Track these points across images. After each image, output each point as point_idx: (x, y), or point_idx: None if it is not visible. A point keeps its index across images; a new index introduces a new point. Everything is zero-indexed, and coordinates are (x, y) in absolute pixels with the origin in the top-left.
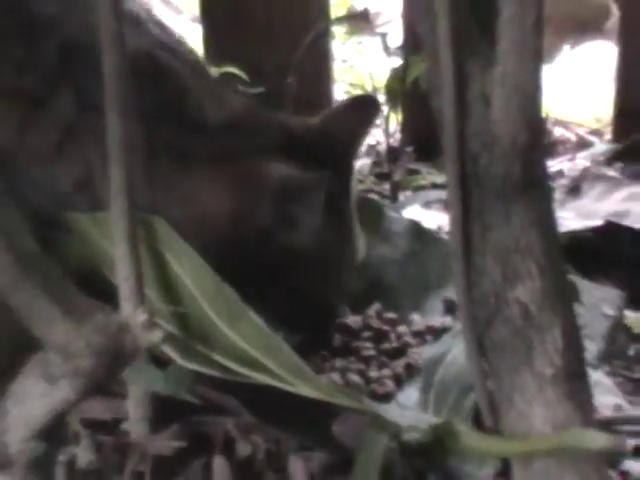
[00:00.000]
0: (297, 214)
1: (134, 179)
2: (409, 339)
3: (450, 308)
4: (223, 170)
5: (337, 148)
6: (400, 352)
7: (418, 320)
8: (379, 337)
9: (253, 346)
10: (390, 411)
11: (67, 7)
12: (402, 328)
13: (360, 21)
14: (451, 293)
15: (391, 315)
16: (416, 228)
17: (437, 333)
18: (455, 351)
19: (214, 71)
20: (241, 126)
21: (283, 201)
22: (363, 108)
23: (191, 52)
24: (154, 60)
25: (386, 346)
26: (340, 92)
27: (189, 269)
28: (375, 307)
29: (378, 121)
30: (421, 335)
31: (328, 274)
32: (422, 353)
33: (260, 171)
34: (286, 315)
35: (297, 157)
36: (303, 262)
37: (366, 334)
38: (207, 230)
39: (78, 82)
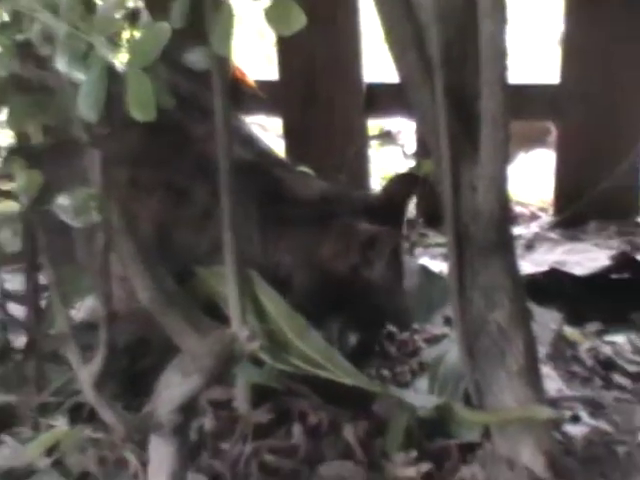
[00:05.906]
0: (372, 257)
1: (251, 240)
2: (421, 344)
3: (448, 321)
4: (328, 228)
5: (394, 211)
6: (415, 353)
7: (427, 330)
8: (401, 344)
9: (315, 352)
10: (408, 395)
11: (211, 129)
12: (416, 336)
13: (387, 138)
14: (448, 312)
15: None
16: (423, 269)
17: (439, 338)
18: (452, 352)
19: None
20: (330, 198)
21: (366, 248)
22: (406, 182)
23: (281, 158)
24: (260, 168)
25: (406, 349)
26: (375, 182)
27: (273, 304)
28: None
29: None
30: (429, 340)
31: (388, 298)
32: (430, 354)
33: (352, 227)
34: (361, 322)
35: (371, 218)
36: (374, 289)
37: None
38: (314, 267)
39: (210, 180)
